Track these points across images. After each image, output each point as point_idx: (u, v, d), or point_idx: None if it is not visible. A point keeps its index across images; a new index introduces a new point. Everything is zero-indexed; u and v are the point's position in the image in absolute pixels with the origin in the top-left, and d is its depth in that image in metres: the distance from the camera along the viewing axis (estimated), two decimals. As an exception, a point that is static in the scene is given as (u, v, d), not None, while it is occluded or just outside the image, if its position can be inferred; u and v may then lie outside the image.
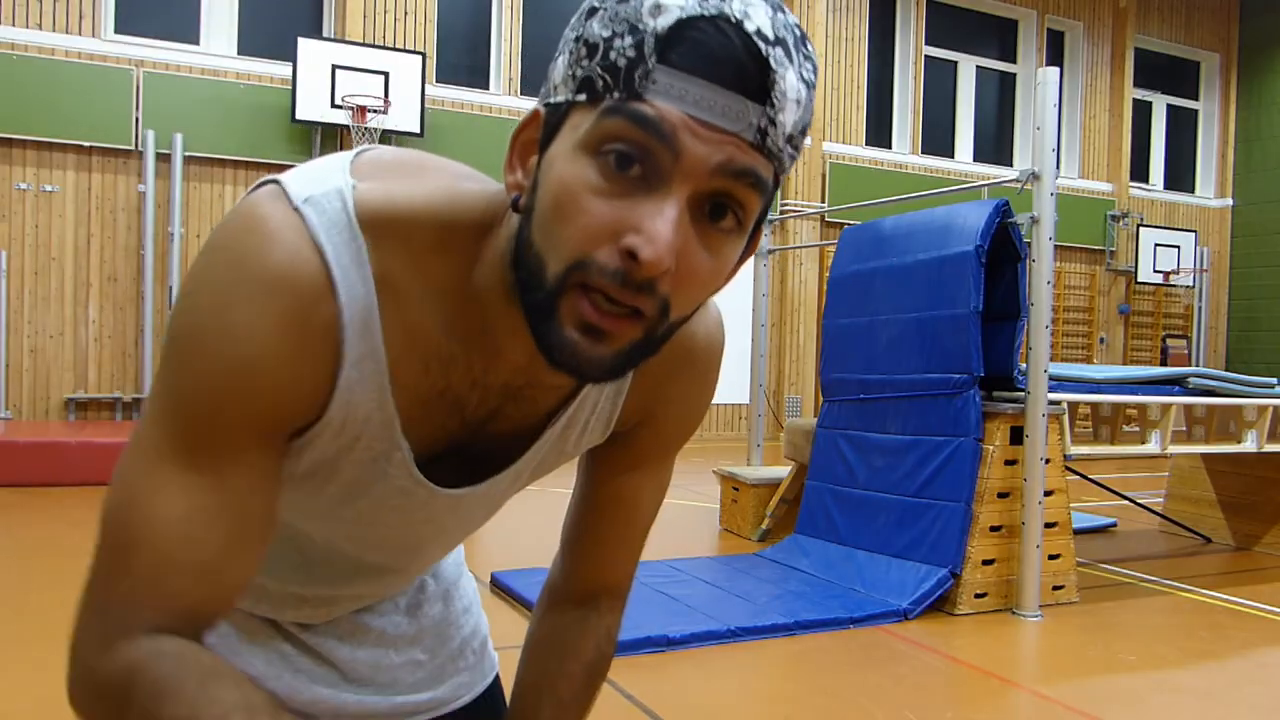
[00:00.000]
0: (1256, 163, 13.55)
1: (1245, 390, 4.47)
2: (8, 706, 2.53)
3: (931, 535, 3.79)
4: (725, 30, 0.56)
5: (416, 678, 0.99)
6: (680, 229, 0.57)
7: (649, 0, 0.57)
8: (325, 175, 0.66)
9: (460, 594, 1.07)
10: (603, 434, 0.84)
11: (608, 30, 0.58)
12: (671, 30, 0.56)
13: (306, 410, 0.67)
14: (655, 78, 0.56)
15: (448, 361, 0.70)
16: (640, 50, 0.56)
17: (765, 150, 0.58)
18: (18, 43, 7.63)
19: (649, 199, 0.57)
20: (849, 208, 5.80)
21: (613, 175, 0.57)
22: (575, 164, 0.58)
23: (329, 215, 0.64)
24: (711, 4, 0.56)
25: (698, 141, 0.56)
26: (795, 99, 0.58)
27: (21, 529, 4.77)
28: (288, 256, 0.62)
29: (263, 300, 0.62)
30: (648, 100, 0.56)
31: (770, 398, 10.32)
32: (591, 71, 0.58)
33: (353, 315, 0.65)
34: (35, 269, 7.78)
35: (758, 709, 2.79)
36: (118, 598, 0.62)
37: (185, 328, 0.63)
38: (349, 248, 0.64)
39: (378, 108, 8.18)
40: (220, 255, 0.63)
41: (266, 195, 0.65)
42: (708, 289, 0.62)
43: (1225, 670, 3.21)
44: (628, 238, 0.57)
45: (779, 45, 0.57)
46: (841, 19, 11.03)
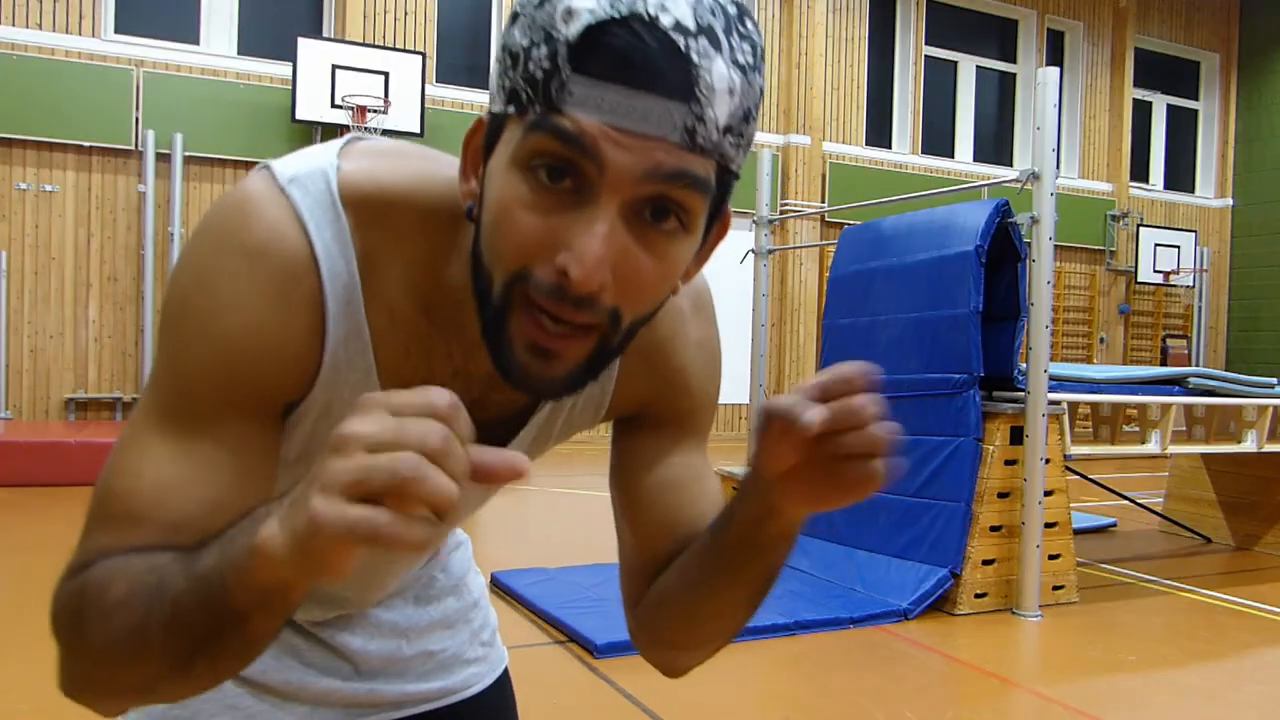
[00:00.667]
0: (1256, 163, 13.55)
1: (1245, 390, 4.46)
2: (7, 706, 2.53)
3: (931, 535, 3.79)
4: (638, 30, 0.54)
5: (427, 667, 1.01)
6: (613, 240, 0.56)
7: (561, 5, 0.55)
8: (312, 157, 0.68)
9: (469, 588, 1.08)
10: (593, 418, 0.82)
11: (526, 38, 0.57)
12: (583, 37, 0.54)
13: (291, 384, 0.67)
14: (571, 89, 0.54)
15: (429, 347, 0.70)
16: (554, 61, 0.55)
17: (697, 148, 0.56)
18: (18, 43, 7.64)
19: (580, 213, 0.56)
20: (849, 208, 5.81)
21: (544, 189, 0.57)
22: (509, 179, 0.58)
23: (313, 194, 0.65)
24: (623, 3, 0.54)
25: (621, 151, 0.55)
26: (727, 89, 0.56)
27: (21, 529, 4.77)
28: (270, 230, 0.63)
29: (245, 271, 0.62)
30: (566, 113, 0.55)
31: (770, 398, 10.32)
32: (515, 83, 0.57)
33: (335, 291, 0.65)
34: (35, 269, 7.78)
35: (758, 709, 2.79)
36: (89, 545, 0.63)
37: (172, 300, 0.65)
38: (332, 225, 0.65)
39: (378, 108, 8.18)
40: (207, 232, 0.65)
41: (255, 177, 0.66)
42: (659, 291, 0.61)
43: (1225, 670, 3.21)
44: (560, 255, 0.56)
45: (703, 34, 0.55)
46: (841, 19, 11.03)
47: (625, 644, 3.07)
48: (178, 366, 0.64)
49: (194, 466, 0.63)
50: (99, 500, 0.64)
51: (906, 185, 10.70)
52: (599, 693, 2.77)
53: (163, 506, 0.62)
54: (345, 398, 0.69)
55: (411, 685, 0.99)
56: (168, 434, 0.63)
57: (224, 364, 0.63)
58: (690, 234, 0.60)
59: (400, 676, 0.98)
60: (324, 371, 0.67)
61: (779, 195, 10.39)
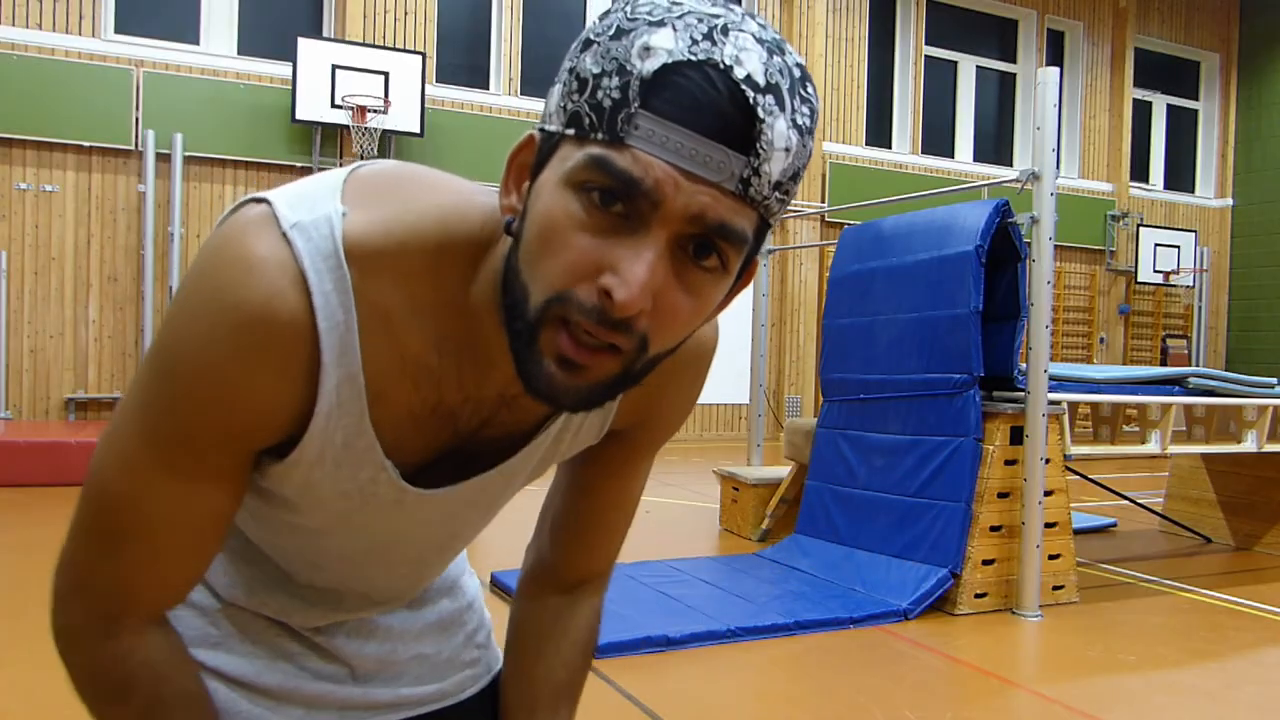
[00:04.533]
0: (1256, 163, 13.55)
1: (1245, 390, 4.46)
2: (7, 706, 2.53)
3: (931, 535, 3.79)
4: (712, 77, 0.55)
5: (421, 671, 1.01)
6: (658, 270, 0.58)
7: (640, 41, 0.56)
8: (316, 199, 0.66)
9: (464, 591, 1.09)
10: (596, 435, 0.85)
11: (598, 67, 0.58)
12: (657, 75, 0.56)
13: (281, 433, 0.69)
14: (638, 123, 0.56)
15: (439, 378, 0.71)
16: (625, 93, 0.56)
17: (749, 199, 0.58)
18: (18, 43, 7.63)
19: (629, 239, 0.58)
20: (849, 208, 5.81)
21: (595, 211, 0.58)
22: (561, 197, 0.59)
23: (315, 243, 0.64)
24: (701, 48, 0.56)
25: (678, 192, 0.56)
26: (784, 147, 0.57)
27: (21, 529, 4.77)
28: (269, 292, 0.63)
29: (240, 336, 0.63)
30: (629, 146, 0.56)
31: (770, 398, 10.32)
32: (580, 107, 0.58)
33: (331, 342, 0.66)
34: (35, 269, 7.78)
35: (758, 709, 2.79)
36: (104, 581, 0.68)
37: (166, 349, 0.66)
38: (333, 276, 0.65)
39: (378, 108, 8.18)
40: (205, 282, 0.64)
41: (255, 220, 0.65)
42: (688, 327, 0.63)
43: (1225, 670, 3.21)
44: (605, 277, 0.57)
45: (770, 92, 0.56)
46: (841, 19, 11.03)
47: (625, 644, 3.08)
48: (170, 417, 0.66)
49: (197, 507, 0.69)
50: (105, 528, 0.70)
51: (906, 185, 10.70)
52: (599, 693, 2.77)
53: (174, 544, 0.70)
54: (337, 442, 0.70)
55: (406, 689, 0.99)
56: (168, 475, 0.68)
57: (217, 424, 0.66)
58: (727, 275, 0.62)
59: (395, 680, 0.98)
60: (315, 419, 0.68)
61: (779, 195, 10.37)
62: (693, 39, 0.56)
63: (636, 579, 3.86)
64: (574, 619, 0.97)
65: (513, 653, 0.98)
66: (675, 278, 0.59)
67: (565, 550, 0.96)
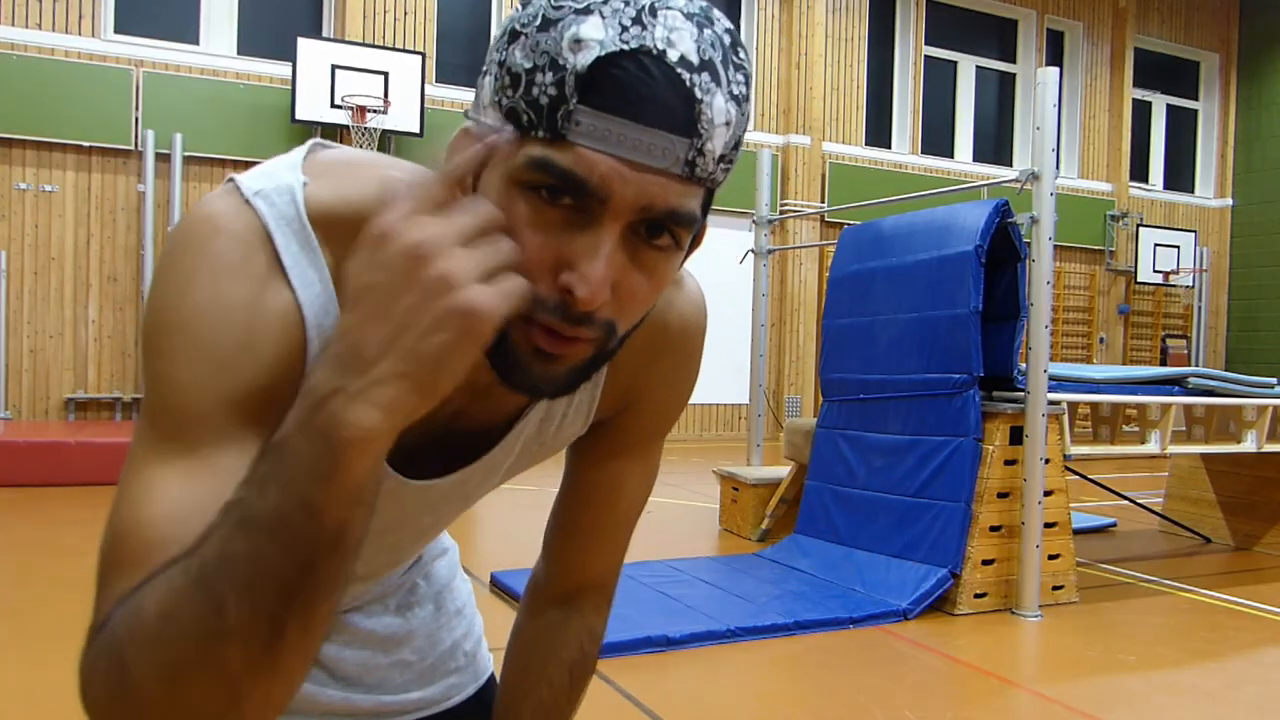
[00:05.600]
0: (1256, 163, 13.55)
1: (1245, 390, 4.46)
2: (6, 706, 2.53)
3: (931, 535, 3.79)
4: (646, 65, 0.55)
5: (405, 678, 1.00)
6: (614, 260, 0.58)
7: (569, 32, 0.55)
8: (276, 172, 0.67)
9: (453, 596, 1.07)
10: (583, 424, 0.84)
11: (529, 61, 0.57)
12: (592, 68, 0.55)
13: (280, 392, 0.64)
14: (578, 119, 0.55)
15: None
16: (561, 89, 0.55)
17: (695, 179, 0.58)
18: (18, 43, 7.63)
19: (582, 232, 0.57)
20: (849, 208, 5.81)
21: (544, 207, 0.57)
22: (507, 197, 0.58)
23: (279, 208, 0.65)
24: (632, 35, 0.55)
25: (625, 184, 0.56)
26: (724, 121, 0.57)
27: (21, 529, 4.77)
28: (239, 244, 0.63)
29: (219, 284, 0.62)
30: (572, 144, 0.55)
31: (770, 398, 10.32)
32: (516, 104, 0.57)
33: (311, 303, 0.65)
34: (35, 269, 7.78)
35: (758, 709, 2.79)
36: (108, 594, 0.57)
37: (151, 322, 0.64)
38: (298, 238, 0.65)
39: (378, 108, 8.18)
40: (176, 249, 0.64)
41: (220, 191, 0.66)
42: (648, 303, 0.63)
43: (1225, 670, 3.21)
44: (563, 275, 0.57)
45: (705, 69, 0.56)
46: (841, 19, 11.02)
47: (625, 644, 3.08)
48: (169, 386, 0.62)
49: (207, 481, 0.59)
50: (111, 545, 0.59)
51: (906, 185, 10.70)
52: (599, 692, 2.77)
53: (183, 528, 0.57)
54: None
55: (389, 696, 0.98)
56: (172, 456, 0.60)
57: (214, 370, 0.61)
58: (679, 251, 0.62)
59: (378, 687, 0.97)
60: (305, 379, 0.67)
61: (779, 195, 10.39)
62: (622, 25, 0.55)
63: (636, 579, 3.86)
64: (565, 638, 0.94)
65: (506, 667, 0.97)
66: (630, 261, 0.59)
67: (558, 555, 0.94)
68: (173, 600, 0.51)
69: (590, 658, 0.96)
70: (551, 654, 0.94)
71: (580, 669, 0.95)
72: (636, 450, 0.90)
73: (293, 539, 0.50)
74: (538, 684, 0.93)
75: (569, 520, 0.92)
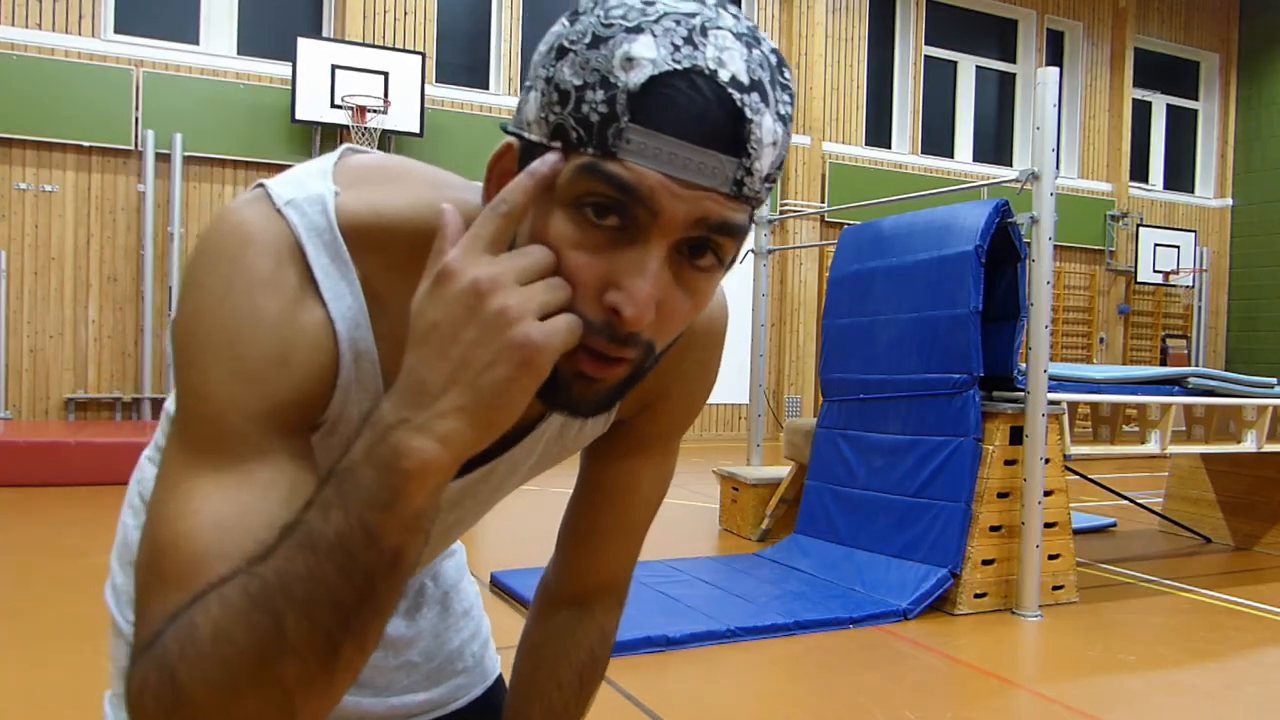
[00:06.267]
0: (1256, 163, 13.55)
1: (1245, 390, 4.46)
2: (6, 706, 2.53)
3: (931, 535, 3.79)
4: (698, 85, 0.55)
5: (412, 679, 1.00)
6: (660, 280, 0.58)
7: (620, 51, 0.56)
8: (308, 180, 0.67)
9: (460, 597, 1.07)
10: (605, 425, 0.84)
11: (579, 78, 0.57)
12: (644, 88, 0.55)
13: (313, 400, 0.66)
14: (629, 136, 0.55)
15: None
16: (613, 107, 0.55)
17: (743, 198, 0.58)
18: (18, 43, 7.63)
19: (629, 251, 0.57)
20: (849, 208, 5.80)
21: (591, 228, 0.57)
22: (552, 216, 0.58)
23: (310, 219, 0.65)
24: (684, 54, 0.55)
25: (675, 201, 0.56)
26: (771, 141, 0.58)
27: (21, 529, 4.77)
28: (271, 255, 0.63)
29: (251, 296, 0.62)
30: (621, 160, 0.56)
31: (770, 398, 10.32)
32: (564, 120, 0.57)
33: (342, 315, 0.65)
34: (35, 269, 7.78)
35: (758, 709, 2.79)
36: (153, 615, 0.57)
37: (183, 333, 0.64)
38: (329, 250, 0.65)
39: (377, 108, 8.18)
40: (207, 258, 0.64)
41: (250, 198, 0.66)
42: (687, 322, 0.63)
43: (1225, 670, 3.21)
44: (610, 294, 0.57)
45: (754, 90, 0.57)
46: (841, 19, 11.03)
47: (625, 644, 3.08)
48: (204, 398, 0.62)
49: (248, 493, 0.60)
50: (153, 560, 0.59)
51: (906, 185, 10.70)
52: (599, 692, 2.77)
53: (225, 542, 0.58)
54: (352, 416, 0.69)
55: (396, 698, 0.98)
56: (210, 469, 0.60)
57: (248, 383, 0.62)
58: (720, 270, 0.63)
59: (385, 690, 0.97)
60: (338, 390, 0.67)
61: (779, 195, 10.39)
62: (674, 45, 0.56)
63: (636, 579, 3.85)
64: (576, 640, 0.94)
65: (517, 669, 0.96)
66: (675, 280, 0.59)
67: (572, 554, 0.93)
68: (229, 618, 0.52)
69: (601, 660, 0.95)
70: (562, 656, 0.93)
71: (591, 671, 0.94)
72: (654, 449, 0.90)
73: (352, 562, 0.52)
74: (547, 687, 0.92)
75: (583, 520, 0.92)
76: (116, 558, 0.98)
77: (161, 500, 0.60)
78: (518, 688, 0.94)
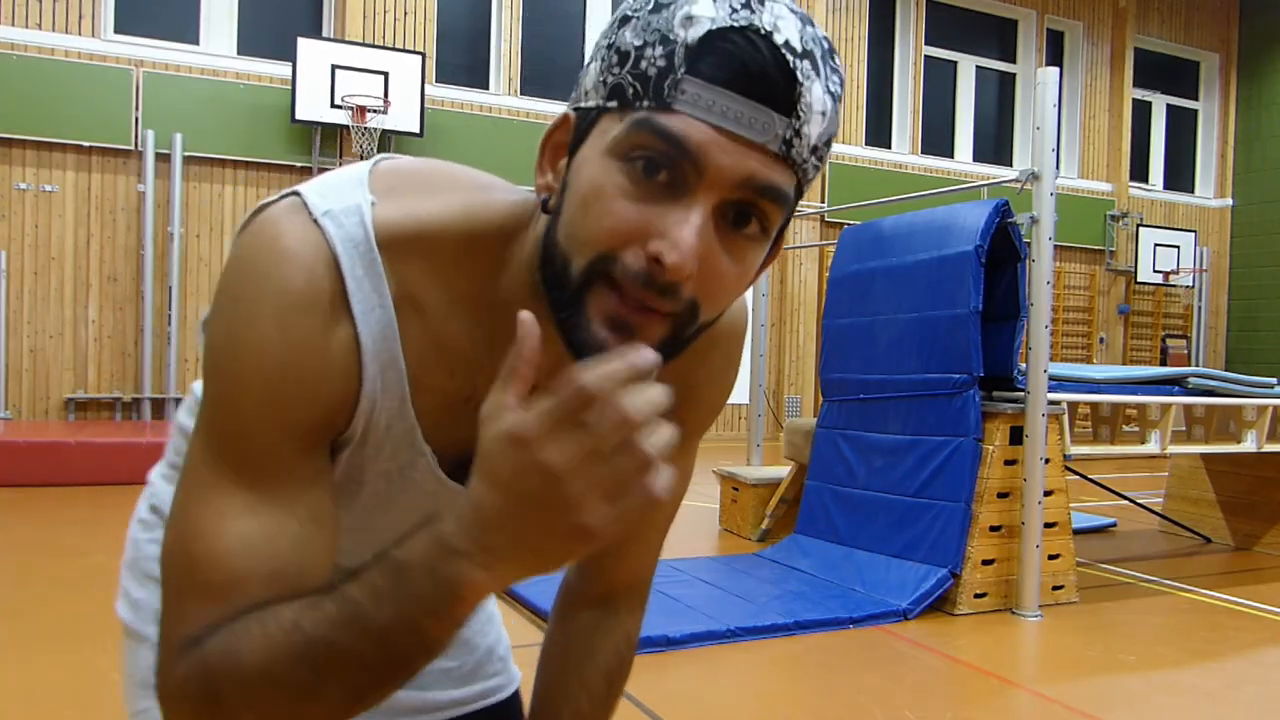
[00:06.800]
0: (1256, 163, 13.55)
1: (1245, 390, 4.46)
2: (7, 706, 2.53)
3: (931, 535, 3.79)
4: (754, 42, 0.57)
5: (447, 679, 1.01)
6: (704, 236, 0.58)
7: (681, 11, 0.58)
8: (345, 189, 0.68)
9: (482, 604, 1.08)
10: None
11: (639, 39, 0.59)
12: (701, 41, 0.57)
13: (338, 417, 0.68)
14: (684, 88, 0.57)
15: (474, 368, 0.72)
16: (670, 60, 0.57)
17: (790, 161, 0.59)
18: (18, 43, 7.63)
19: (675, 205, 0.58)
20: (849, 208, 5.81)
21: (640, 180, 0.59)
22: (604, 168, 0.60)
23: (347, 230, 0.65)
24: (741, 15, 0.58)
25: (723, 154, 0.57)
26: (821, 110, 0.60)
27: (21, 529, 4.77)
28: (306, 272, 0.64)
29: (285, 317, 0.63)
30: (675, 110, 0.57)
31: (770, 398, 10.32)
32: (622, 79, 0.59)
33: (369, 328, 0.66)
34: (35, 269, 7.78)
35: (758, 709, 2.79)
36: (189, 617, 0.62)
37: (216, 346, 0.65)
38: (364, 262, 0.66)
39: (377, 108, 8.18)
40: (242, 271, 0.65)
41: (286, 208, 0.66)
42: (732, 293, 0.64)
43: (1225, 670, 3.21)
44: (653, 243, 0.58)
45: (806, 58, 0.59)
46: (841, 19, 11.03)
47: (625, 644, 3.08)
48: (234, 415, 0.64)
49: (273, 511, 0.64)
50: (183, 568, 0.63)
51: (906, 185, 10.70)
52: (599, 693, 2.77)
53: (256, 559, 0.62)
54: (380, 425, 0.71)
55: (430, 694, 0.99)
56: (238, 486, 0.64)
57: (278, 406, 0.64)
58: (765, 241, 0.63)
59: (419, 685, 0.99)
60: (362, 402, 0.68)
61: (779, 195, 10.38)
62: (732, 7, 0.58)
63: (636, 579, 3.86)
64: (602, 641, 0.93)
65: (542, 673, 0.95)
66: (719, 244, 0.60)
67: (593, 557, 0.92)
68: (274, 661, 0.58)
69: (627, 663, 0.96)
70: (588, 660, 0.93)
71: (618, 675, 0.94)
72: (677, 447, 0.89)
73: (395, 649, 0.57)
74: (576, 691, 0.92)
75: None
76: (130, 574, 0.98)
77: (191, 512, 0.64)
78: (545, 692, 0.93)
